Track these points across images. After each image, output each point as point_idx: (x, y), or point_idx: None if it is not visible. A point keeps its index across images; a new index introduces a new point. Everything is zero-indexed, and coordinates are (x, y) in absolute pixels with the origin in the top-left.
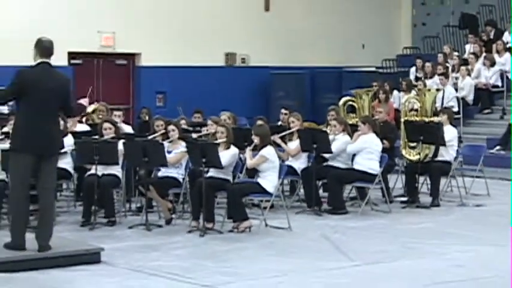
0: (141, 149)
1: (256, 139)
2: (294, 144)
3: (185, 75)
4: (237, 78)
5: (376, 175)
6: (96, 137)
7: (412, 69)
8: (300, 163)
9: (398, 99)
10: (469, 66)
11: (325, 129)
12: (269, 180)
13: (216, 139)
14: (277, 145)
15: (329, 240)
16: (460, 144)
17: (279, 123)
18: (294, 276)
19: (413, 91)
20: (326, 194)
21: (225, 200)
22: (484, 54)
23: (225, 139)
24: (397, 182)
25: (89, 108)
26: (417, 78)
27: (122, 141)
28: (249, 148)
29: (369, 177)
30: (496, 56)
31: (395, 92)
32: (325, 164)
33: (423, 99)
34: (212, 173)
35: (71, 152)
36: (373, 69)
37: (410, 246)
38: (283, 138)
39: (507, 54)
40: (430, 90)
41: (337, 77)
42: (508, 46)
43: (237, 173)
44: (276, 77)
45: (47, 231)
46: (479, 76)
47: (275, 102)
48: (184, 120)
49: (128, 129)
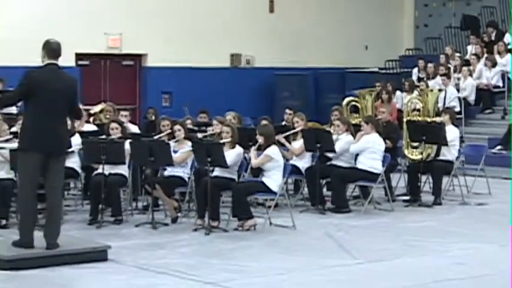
0: (147, 149)
1: (260, 139)
2: (298, 143)
3: (191, 75)
4: (242, 79)
5: (379, 174)
6: (103, 136)
7: (415, 70)
8: (304, 162)
9: (401, 100)
10: (471, 67)
11: (328, 129)
12: (273, 179)
13: (222, 139)
14: (281, 145)
15: (332, 238)
16: (461, 144)
17: (284, 123)
18: (298, 274)
19: (415, 91)
20: (330, 192)
21: (230, 198)
22: (485, 55)
23: (230, 139)
24: (399, 181)
25: (97, 108)
26: (419, 79)
27: (129, 141)
28: (253, 148)
29: (372, 177)
30: (497, 57)
31: (398, 92)
32: (328, 163)
33: (425, 99)
34: (217, 172)
35: (79, 151)
36: (376, 70)
37: (413, 244)
38: (287, 137)
39: (508, 55)
40: (432, 90)
41: (341, 77)
42: (509, 47)
43: (242, 172)
44: (280, 78)
45: (54, 229)
46: (481, 77)
47: (279, 103)
48: (190, 120)
49: (135, 129)
